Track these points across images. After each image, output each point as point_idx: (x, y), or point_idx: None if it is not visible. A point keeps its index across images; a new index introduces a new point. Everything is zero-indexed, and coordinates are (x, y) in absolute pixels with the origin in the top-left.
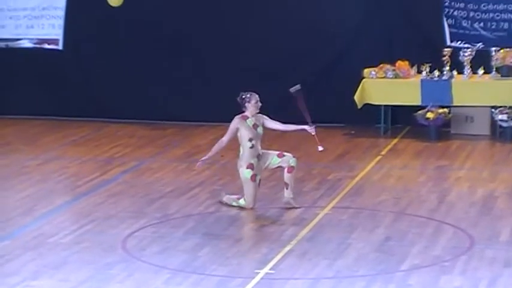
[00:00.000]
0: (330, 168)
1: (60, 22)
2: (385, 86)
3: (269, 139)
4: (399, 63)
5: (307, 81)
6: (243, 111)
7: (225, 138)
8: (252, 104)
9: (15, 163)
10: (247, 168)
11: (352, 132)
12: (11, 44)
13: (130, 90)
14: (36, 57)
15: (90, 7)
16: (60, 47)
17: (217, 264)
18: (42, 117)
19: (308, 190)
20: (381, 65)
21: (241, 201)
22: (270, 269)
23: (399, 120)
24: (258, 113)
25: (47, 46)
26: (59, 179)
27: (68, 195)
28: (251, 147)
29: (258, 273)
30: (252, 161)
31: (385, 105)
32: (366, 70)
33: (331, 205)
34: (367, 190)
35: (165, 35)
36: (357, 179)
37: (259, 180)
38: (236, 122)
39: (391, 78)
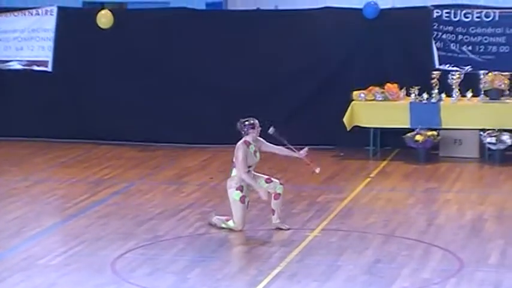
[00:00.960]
0: (319, 190)
1: (49, 44)
2: (374, 109)
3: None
4: (388, 85)
5: (297, 103)
6: (242, 137)
7: (244, 175)
8: (255, 130)
9: (4, 185)
10: (237, 190)
11: (342, 154)
12: (0, 66)
13: (120, 112)
14: (26, 79)
15: (80, 29)
16: (49, 68)
17: (206, 286)
18: (31, 138)
19: (297, 212)
20: (370, 88)
21: (230, 223)
22: None
23: (388, 142)
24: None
25: (36, 68)
26: (48, 200)
27: (57, 216)
28: (246, 172)
29: None
30: (243, 184)
31: (374, 128)
32: (355, 92)
33: (320, 227)
34: (356, 212)
35: (155, 58)
36: (346, 201)
37: (248, 202)
38: (243, 149)
39: (380, 100)
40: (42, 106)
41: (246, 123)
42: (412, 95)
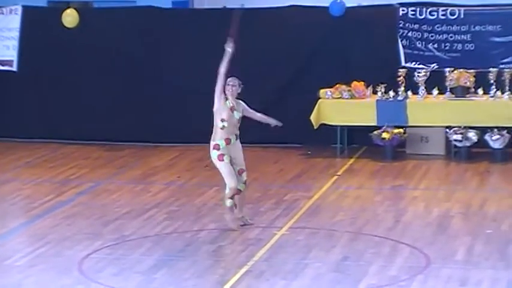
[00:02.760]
0: (286, 189)
1: (14, 43)
2: (341, 107)
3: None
4: (355, 83)
5: (264, 101)
6: None
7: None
8: (230, 87)
9: None
10: (213, 149)
11: (309, 152)
12: None
13: (86, 111)
14: None
15: (45, 28)
16: (14, 68)
17: (173, 285)
18: None
19: (265, 210)
20: (337, 86)
21: (227, 190)
22: None
23: (355, 140)
24: (237, 98)
25: (1, 67)
26: (13, 201)
27: (22, 217)
28: (221, 128)
29: None
30: (219, 143)
31: (341, 126)
32: (321, 90)
33: (288, 225)
34: (323, 210)
35: (121, 57)
36: (314, 199)
37: (230, 158)
38: (219, 93)
39: (347, 98)
40: (7, 106)
41: (227, 79)
42: (379, 93)
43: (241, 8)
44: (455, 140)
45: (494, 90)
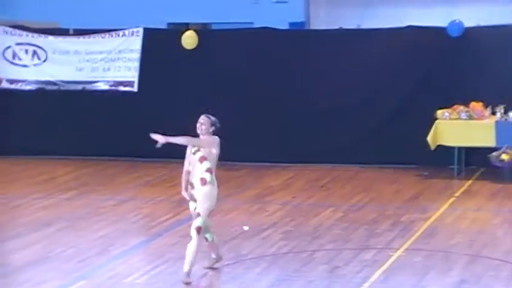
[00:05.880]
0: (403, 210)
1: (135, 64)
2: (459, 128)
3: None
4: (473, 104)
5: (379, 120)
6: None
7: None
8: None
9: (91, 204)
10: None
11: (426, 173)
12: (87, 87)
13: None
14: (112, 99)
15: (164, 50)
16: (135, 88)
17: None
18: (117, 158)
19: (381, 232)
20: (455, 106)
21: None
22: None
23: (473, 161)
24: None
25: (122, 88)
26: (133, 219)
27: (142, 235)
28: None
29: None
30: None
31: (458, 147)
32: (439, 111)
33: (404, 247)
34: (440, 232)
35: (239, 77)
36: (431, 220)
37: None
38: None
39: (465, 119)
40: (127, 126)
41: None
42: (498, 114)
43: (357, 28)
44: None
45: None
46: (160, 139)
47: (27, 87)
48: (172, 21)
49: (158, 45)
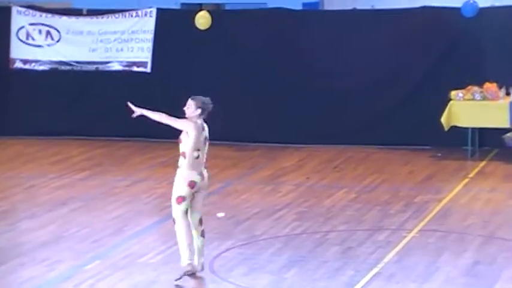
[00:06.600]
0: (416, 191)
1: (149, 45)
2: (473, 109)
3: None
4: (487, 85)
5: (393, 101)
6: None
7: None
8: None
9: (105, 184)
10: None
11: (439, 154)
12: (101, 67)
13: (214, 112)
14: (125, 79)
15: (177, 30)
16: (148, 69)
17: (304, 286)
18: (130, 138)
19: (394, 213)
20: (469, 87)
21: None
22: None
23: (487, 142)
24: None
25: (135, 69)
26: (147, 200)
27: (156, 215)
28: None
29: None
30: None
31: (472, 128)
32: (453, 92)
33: (418, 228)
34: (454, 213)
35: (253, 58)
36: (444, 201)
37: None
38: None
39: (479, 100)
40: (140, 107)
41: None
42: None
43: (371, 9)
44: None
45: None
46: (136, 110)
47: (41, 68)
48: (186, 2)
49: (171, 25)
